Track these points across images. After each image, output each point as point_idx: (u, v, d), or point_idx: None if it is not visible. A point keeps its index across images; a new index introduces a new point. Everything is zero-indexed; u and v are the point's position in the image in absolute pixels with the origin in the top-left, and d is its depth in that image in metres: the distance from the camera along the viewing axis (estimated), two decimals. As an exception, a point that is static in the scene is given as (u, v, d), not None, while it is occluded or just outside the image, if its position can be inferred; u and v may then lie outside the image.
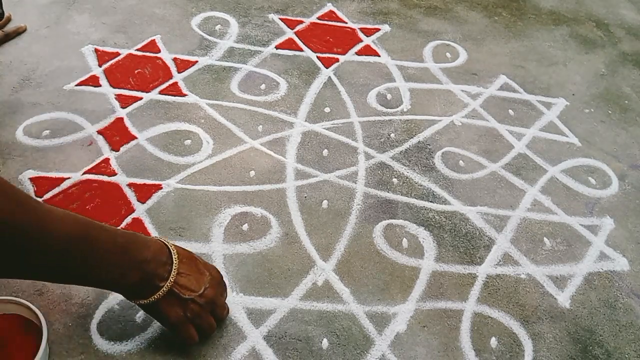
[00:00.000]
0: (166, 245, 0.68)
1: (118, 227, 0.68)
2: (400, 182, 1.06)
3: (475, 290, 0.90)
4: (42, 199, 0.96)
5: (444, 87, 1.29)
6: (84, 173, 1.01)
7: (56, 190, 0.98)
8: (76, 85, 1.19)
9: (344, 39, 1.40)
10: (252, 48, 1.34)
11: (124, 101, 1.17)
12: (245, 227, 0.96)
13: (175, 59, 1.28)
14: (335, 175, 1.06)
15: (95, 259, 0.60)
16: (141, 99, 1.18)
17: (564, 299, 0.90)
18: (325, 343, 0.81)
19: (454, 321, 0.86)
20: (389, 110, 1.22)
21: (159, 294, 0.65)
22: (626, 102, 1.32)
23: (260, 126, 1.14)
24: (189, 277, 0.67)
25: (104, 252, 0.60)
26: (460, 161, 1.12)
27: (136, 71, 1.24)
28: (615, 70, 1.41)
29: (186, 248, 0.74)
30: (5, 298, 0.79)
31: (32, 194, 0.97)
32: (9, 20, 1.34)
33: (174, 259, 0.66)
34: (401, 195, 1.04)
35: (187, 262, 0.69)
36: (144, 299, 0.66)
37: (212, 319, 0.74)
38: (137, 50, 1.30)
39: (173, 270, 0.65)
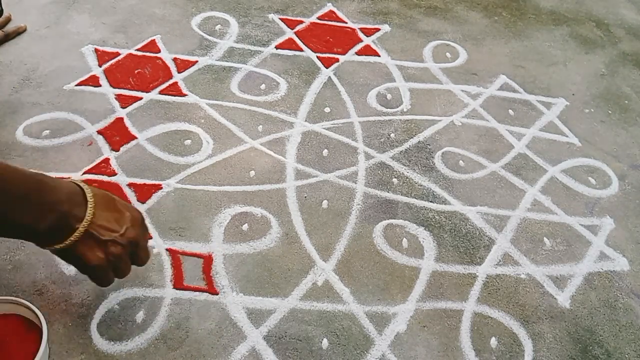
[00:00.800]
0: (78, 185, 0.63)
1: (22, 168, 0.61)
2: (400, 182, 1.06)
3: (475, 290, 0.90)
4: (42, 199, 0.96)
5: (444, 87, 1.29)
6: (84, 173, 1.01)
7: (56, 190, 0.98)
8: (76, 85, 1.19)
9: (344, 39, 1.40)
10: (252, 48, 1.34)
11: (124, 101, 1.17)
12: (245, 227, 0.96)
13: (175, 59, 1.28)
14: (335, 175, 1.06)
15: (7, 202, 0.56)
16: (141, 99, 1.18)
17: (564, 299, 0.90)
18: (325, 343, 0.81)
19: (454, 321, 0.86)
20: (389, 110, 1.22)
21: (76, 236, 0.60)
22: (626, 102, 1.32)
23: (260, 126, 1.14)
24: (107, 216, 0.62)
25: (16, 195, 0.57)
26: (460, 161, 1.12)
27: (136, 71, 1.24)
28: (615, 70, 1.41)
29: (105, 191, 0.68)
30: (5, 298, 0.79)
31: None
32: (9, 20, 1.34)
33: (88, 199, 0.62)
34: (401, 195, 1.04)
35: (104, 201, 0.64)
36: (60, 243, 0.61)
37: (130, 263, 0.69)
38: (137, 50, 1.30)
39: (89, 209, 0.61)
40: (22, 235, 0.65)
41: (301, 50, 1.35)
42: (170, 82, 1.22)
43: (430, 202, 1.03)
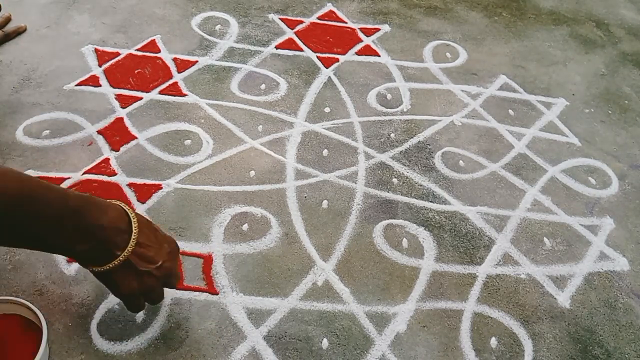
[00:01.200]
0: (126, 212, 0.62)
1: (69, 190, 0.61)
2: (400, 182, 1.06)
3: (475, 290, 0.90)
4: (42, 199, 0.96)
5: (444, 87, 1.29)
6: (84, 173, 1.01)
7: (56, 190, 0.98)
8: (76, 85, 1.19)
9: (344, 39, 1.40)
10: (252, 48, 1.34)
11: (124, 101, 1.17)
12: (245, 227, 0.96)
13: (175, 59, 1.28)
14: (335, 175, 1.06)
15: (41, 221, 0.55)
16: (141, 99, 1.18)
17: (564, 299, 0.90)
18: (325, 343, 0.81)
19: (454, 321, 0.86)
20: (389, 110, 1.22)
21: (115, 263, 0.60)
22: (626, 102, 1.32)
23: (260, 126, 1.14)
24: (148, 248, 0.63)
25: (50, 215, 0.55)
26: (460, 161, 1.12)
27: (136, 71, 1.24)
28: (615, 70, 1.41)
29: (144, 216, 0.68)
30: (5, 298, 0.79)
31: (32, 194, 0.97)
32: (9, 20, 1.34)
33: (133, 228, 0.61)
34: (401, 195, 1.04)
35: (147, 231, 0.64)
36: (97, 267, 0.61)
37: (163, 291, 0.71)
38: (137, 50, 1.30)
39: (132, 239, 0.61)
40: (59, 252, 0.63)
41: (301, 50, 1.35)
42: (170, 82, 1.22)
43: (430, 202, 1.03)
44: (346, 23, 1.46)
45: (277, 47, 1.35)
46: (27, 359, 0.73)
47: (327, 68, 1.31)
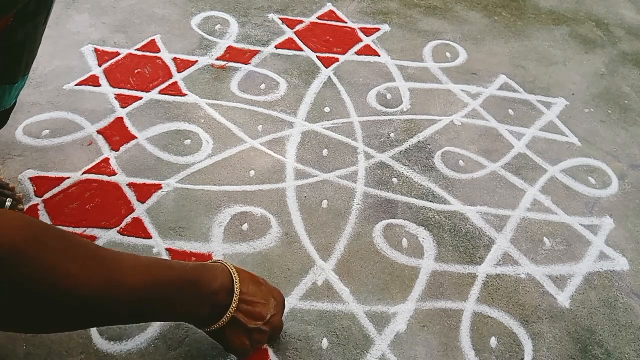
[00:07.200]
0: (230, 272, 0.66)
1: (184, 262, 0.68)
2: (400, 182, 1.06)
3: (475, 290, 0.90)
4: (42, 198, 0.96)
5: (444, 87, 1.29)
6: (84, 173, 1.01)
7: (56, 190, 0.98)
8: (76, 85, 1.19)
9: (344, 39, 1.40)
10: (252, 48, 1.34)
11: (124, 101, 1.17)
12: (245, 227, 0.96)
13: (175, 59, 1.28)
14: (335, 175, 1.06)
15: (167, 300, 0.59)
16: (141, 98, 1.18)
17: (564, 299, 0.90)
18: (325, 343, 0.81)
19: (454, 321, 0.86)
20: (389, 110, 1.22)
21: (222, 322, 0.64)
22: (626, 102, 1.32)
23: (260, 126, 1.14)
24: (254, 304, 0.67)
25: (175, 293, 0.60)
26: (460, 161, 1.12)
27: (136, 71, 1.24)
28: (615, 70, 1.41)
29: (248, 270, 0.71)
30: None
31: (32, 194, 0.97)
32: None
33: (235, 288, 0.64)
34: (401, 195, 1.04)
35: (252, 287, 0.67)
36: (207, 328, 0.66)
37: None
38: (137, 50, 1.30)
39: (234, 297, 0.64)
40: (180, 321, 0.70)
41: (301, 50, 1.35)
42: (170, 82, 1.23)
43: (430, 202, 1.03)
44: (346, 23, 1.46)
45: (277, 47, 1.35)
46: None
47: (327, 68, 1.31)
